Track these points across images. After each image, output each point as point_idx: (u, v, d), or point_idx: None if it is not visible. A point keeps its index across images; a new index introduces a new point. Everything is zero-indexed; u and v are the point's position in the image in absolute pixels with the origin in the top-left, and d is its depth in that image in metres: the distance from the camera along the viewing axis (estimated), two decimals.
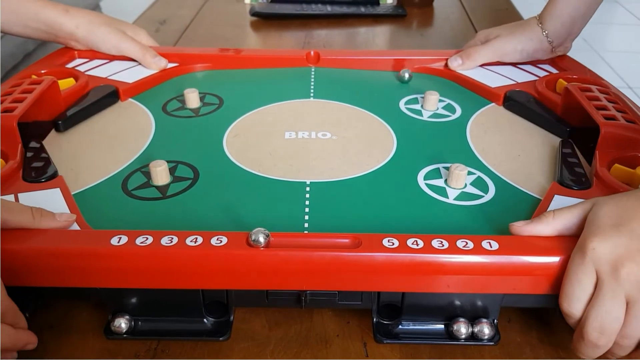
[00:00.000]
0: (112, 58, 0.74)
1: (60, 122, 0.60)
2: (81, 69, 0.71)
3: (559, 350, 0.44)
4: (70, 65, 0.72)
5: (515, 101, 0.65)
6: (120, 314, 0.43)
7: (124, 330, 0.43)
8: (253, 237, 0.39)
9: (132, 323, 0.43)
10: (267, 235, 0.39)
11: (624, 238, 0.37)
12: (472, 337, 0.43)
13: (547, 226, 0.41)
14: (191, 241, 0.40)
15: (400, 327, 0.44)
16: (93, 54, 0.75)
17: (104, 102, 0.65)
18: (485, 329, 0.42)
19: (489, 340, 0.42)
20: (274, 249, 0.39)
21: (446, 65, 0.74)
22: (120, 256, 0.39)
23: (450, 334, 0.43)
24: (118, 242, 0.40)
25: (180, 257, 0.39)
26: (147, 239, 0.40)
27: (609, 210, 0.39)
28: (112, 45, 0.73)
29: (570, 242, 0.40)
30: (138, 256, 0.39)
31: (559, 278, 0.39)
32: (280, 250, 0.39)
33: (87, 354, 0.44)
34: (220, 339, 0.43)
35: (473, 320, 0.43)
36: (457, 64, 0.73)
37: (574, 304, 0.38)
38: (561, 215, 0.41)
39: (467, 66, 0.73)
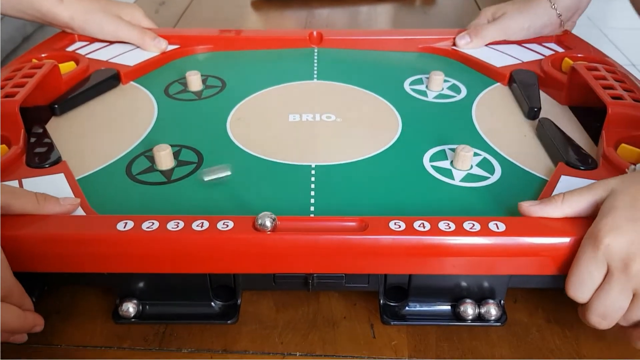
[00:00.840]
0: (112, 41, 0.73)
1: (56, 105, 0.59)
2: (82, 52, 0.71)
3: (565, 330, 0.44)
4: (70, 49, 0.72)
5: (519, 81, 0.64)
6: (128, 298, 0.43)
7: (132, 315, 0.43)
8: (259, 221, 0.39)
9: (140, 307, 0.43)
10: (274, 219, 0.39)
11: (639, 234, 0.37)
12: (479, 318, 0.43)
13: (556, 210, 0.41)
14: (197, 226, 0.39)
15: (407, 308, 0.44)
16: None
17: (105, 85, 0.64)
18: (492, 310, 0.42)
19: (496, 321, 0.43)
20: (280, 233, 0.39)
21: (454, 43, 0.73)
22: (127, 242, 0.39)
23: (457, 315, 0.43)
24: (124, 227, 0.39)
25: (186, 242, 0.39)
26: (153, 224, 0.40)
27: (626, 202, 0.38)
28: (109, 33, 0.72)
29: (577, 224, 0.40)
30: (144, 241, 0.39)
31: (566, 259, 0.39)
32: (287, 234, 0.39)
33: (96, 338, 0.44)
34: (228, 322, 0.43)
35: (480, 301, 0.43)
36: (464, 43, 0.72)
37: (581, 292, 0.38)
38: (571, 199, 0.41)
39: (475, 44, 0.72)
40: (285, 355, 0.43)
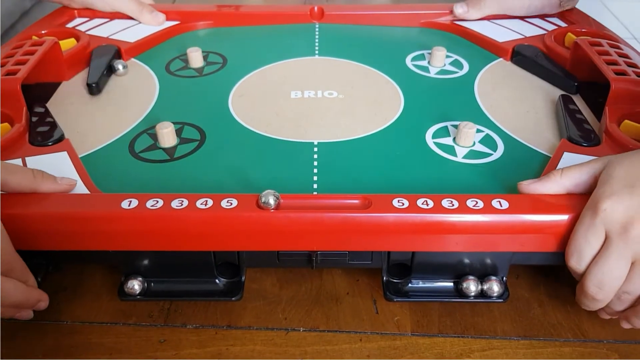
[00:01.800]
0: (112, 17, 0.73)
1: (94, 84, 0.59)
2: (81, 28, 0.70)
3: (567, 305, 0.45)
4: (70, 25, 0.71)
5: (523, 56, 0.64)
6: (134, 276, 0.43)
7: (137, 292, 0.43)
8: (263, 200, 0.39)
9: (145, 285, 0.44)
10: (277, 197, 0.39)
11: (637, 199, 0.37)
12: (482, 294, 0.43)
13: (555, 184, 0.41)
14: (201, 204, 0.40)
15: (410, 285, 0.44)
16: (93, 13, 0.73)
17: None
18: (494, 286, 0.43)
19: (498, 297, 0.43)
20: (284, 211, 0.39)
21: (451, 12, 0.73)
22: (131, 220, 0.40)
23: (459, 292, 0.44)
24: (129, 205, 0.40)
25: (191, 220, 0.39)
26: (157, 202, 0.40)
27: (622, 170, 0.39)
28: (108, 3, 0.72)
29: (580, 200, 0.40)
30: (149, 219, 0.39)
31: (568, 236, 0.39)
32: (291, 212, 0.39)
33: (102, 314, 0.45)
34: (233, 299, 0.44)
35: (482, 277, 0.43)
36: (462, 11, 0.72)
37: (580, 260, 0.38)
38: (569, 173, 0.41)
39: (472, 15, 0.72)
40: (289, 331, 0.43)
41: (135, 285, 0.43)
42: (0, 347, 0.42)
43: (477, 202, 0.40)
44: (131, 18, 0.72)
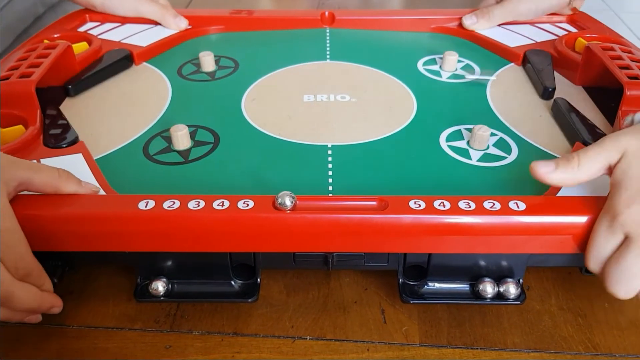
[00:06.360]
0: (124, 21, 0.73)
1: (70, 86, 0.59)
2: (93, 32, 0.70)
3: (578, 318, 0.44)
4: (82, 29, 0.71)
5: (534, 61, 0.64)
6: (158, 277, 0.43)
7: (161, 293, 0.43)
8: (279, 201, 0.39)
9: (169, 286, 0.44)
10: (293, 198, 0.39)
11: None
12: (498, 296, 0.43)
13: (571, 177, 0.40)
14: (218, 205, 0.40)
15: (426, 287, 0.44)
16: (104, 17, 0.73)
17: (118, 66, 0.64)
18: (511, 289, 0.43)
19: (515, 299, 0.43)
20: (301, 212, 0.39)
21: (460, 24, 0.73)
22: (148, 220, 0.40)
23: (476, 294, 0.43)
24: (145, 206, 0.40)
25: (207, 221, 0.39)
26: (174, 203, 0.40)
27: (638, 167, 0.38)
28: (130, 9, 0.72)
29: (597, 202, 0.40)
30: (165, 220, 0.39)
31: (586, 237, 0.39)
32: (308, 213, 0.39)
33: (107, 319, 0.44)
34: (249, 300, 0.44)
35: (499, 280, 0.43)
36: (471, 22, 0.72)
37: (600, 264, 0.38)
38: (586, 165, 0.39)
39: (482, 25, 0.72)
40: (295, 339, 0.43)
41: (160, 286, 0.43)
42: (3, 351, 0.41)
43: (494, 204, 0.40)
44: (148, 22, 0.72)
